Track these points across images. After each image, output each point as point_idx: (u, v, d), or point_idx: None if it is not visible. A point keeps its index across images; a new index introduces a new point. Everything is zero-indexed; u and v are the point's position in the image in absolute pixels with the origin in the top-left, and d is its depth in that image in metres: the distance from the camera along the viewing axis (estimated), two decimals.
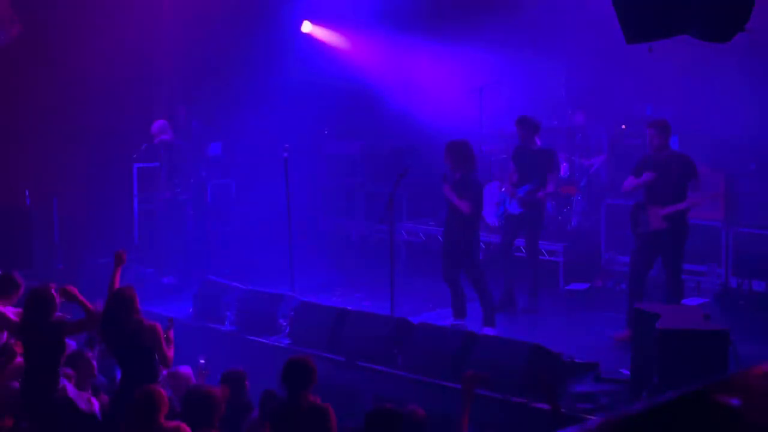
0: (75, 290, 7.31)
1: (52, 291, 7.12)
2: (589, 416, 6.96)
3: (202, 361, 7.66)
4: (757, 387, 1.48)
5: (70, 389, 6.99)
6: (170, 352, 6.90)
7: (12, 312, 7.62)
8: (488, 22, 12.58)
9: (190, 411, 5.98)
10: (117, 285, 7.39)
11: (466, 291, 9.53)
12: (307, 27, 14.23)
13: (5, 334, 7.70)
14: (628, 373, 7.79)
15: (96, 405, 7.15)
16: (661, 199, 8.85)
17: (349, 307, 9.86)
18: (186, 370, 7.52)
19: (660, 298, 9.92)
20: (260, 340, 9.42)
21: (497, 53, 12.80)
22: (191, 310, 10.35)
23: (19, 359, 7.38)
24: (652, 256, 9.11)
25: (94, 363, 7.67)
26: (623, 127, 11.81)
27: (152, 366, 6.84)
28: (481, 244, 12.04)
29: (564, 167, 11.75)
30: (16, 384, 7.25)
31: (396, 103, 13.39)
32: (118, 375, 7.22)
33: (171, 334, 7.01)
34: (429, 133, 13.13)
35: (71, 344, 7.55)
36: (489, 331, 9.13)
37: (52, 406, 6.88)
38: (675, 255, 8.96)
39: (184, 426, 5.68)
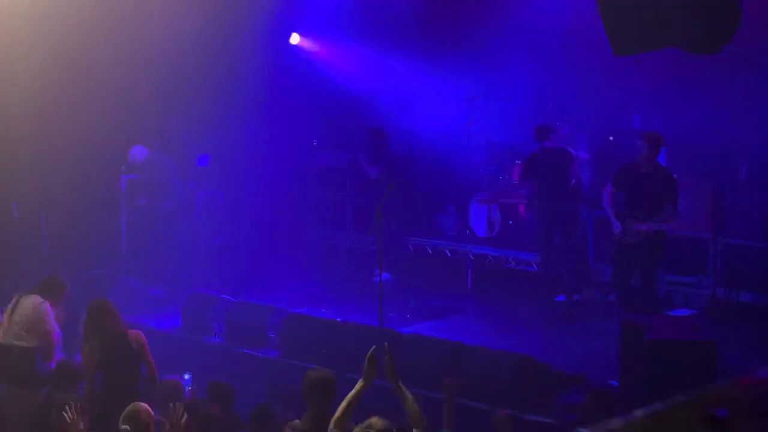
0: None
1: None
2: (577, 428, 6.95)
3: (187, 377, 7.58)
4: (744, 397, 1.49)
5: None
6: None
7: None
8: (476, 34, 12.61)
9: None
10: None
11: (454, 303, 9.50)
12: (295, 39, 14.23)
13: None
14: (617, 384, 7.80)
15: None
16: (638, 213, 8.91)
17: (338, 319, 9.85)
18: (175, 380, 7.49)
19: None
20: (249, 352, 9.40)
21: (485, 64, 12.82)
22: (179, 322, 10.32)
23: None
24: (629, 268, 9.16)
25: None
26: (610, 138, 11.81)
27: (137, 374, 6.86)
28: (470, 256, 12.07)
29: None
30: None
31: (385, 114, 13.39)
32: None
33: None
34: (418, 144, 13.15)
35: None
36: None
37: None
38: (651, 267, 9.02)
39: None
